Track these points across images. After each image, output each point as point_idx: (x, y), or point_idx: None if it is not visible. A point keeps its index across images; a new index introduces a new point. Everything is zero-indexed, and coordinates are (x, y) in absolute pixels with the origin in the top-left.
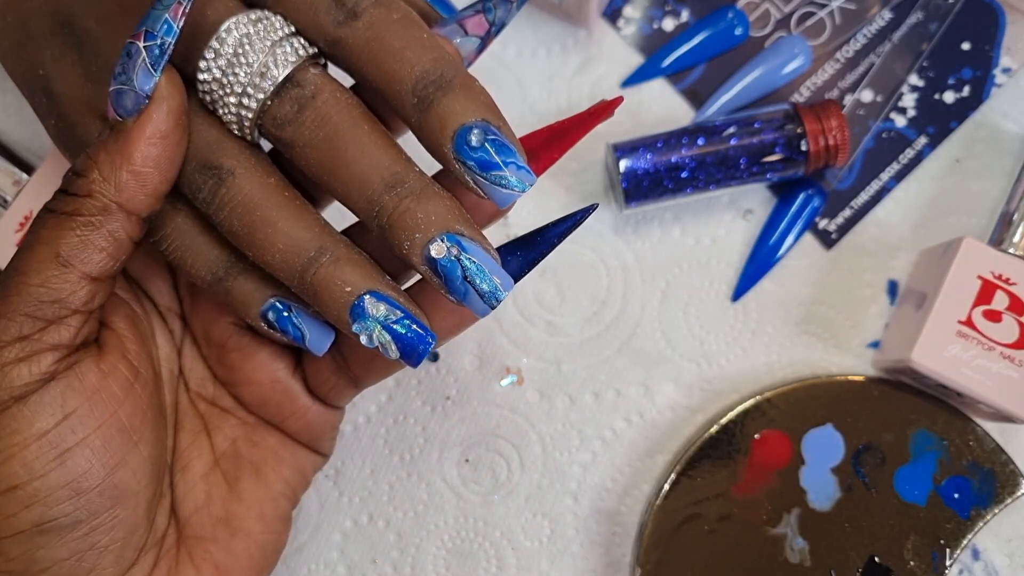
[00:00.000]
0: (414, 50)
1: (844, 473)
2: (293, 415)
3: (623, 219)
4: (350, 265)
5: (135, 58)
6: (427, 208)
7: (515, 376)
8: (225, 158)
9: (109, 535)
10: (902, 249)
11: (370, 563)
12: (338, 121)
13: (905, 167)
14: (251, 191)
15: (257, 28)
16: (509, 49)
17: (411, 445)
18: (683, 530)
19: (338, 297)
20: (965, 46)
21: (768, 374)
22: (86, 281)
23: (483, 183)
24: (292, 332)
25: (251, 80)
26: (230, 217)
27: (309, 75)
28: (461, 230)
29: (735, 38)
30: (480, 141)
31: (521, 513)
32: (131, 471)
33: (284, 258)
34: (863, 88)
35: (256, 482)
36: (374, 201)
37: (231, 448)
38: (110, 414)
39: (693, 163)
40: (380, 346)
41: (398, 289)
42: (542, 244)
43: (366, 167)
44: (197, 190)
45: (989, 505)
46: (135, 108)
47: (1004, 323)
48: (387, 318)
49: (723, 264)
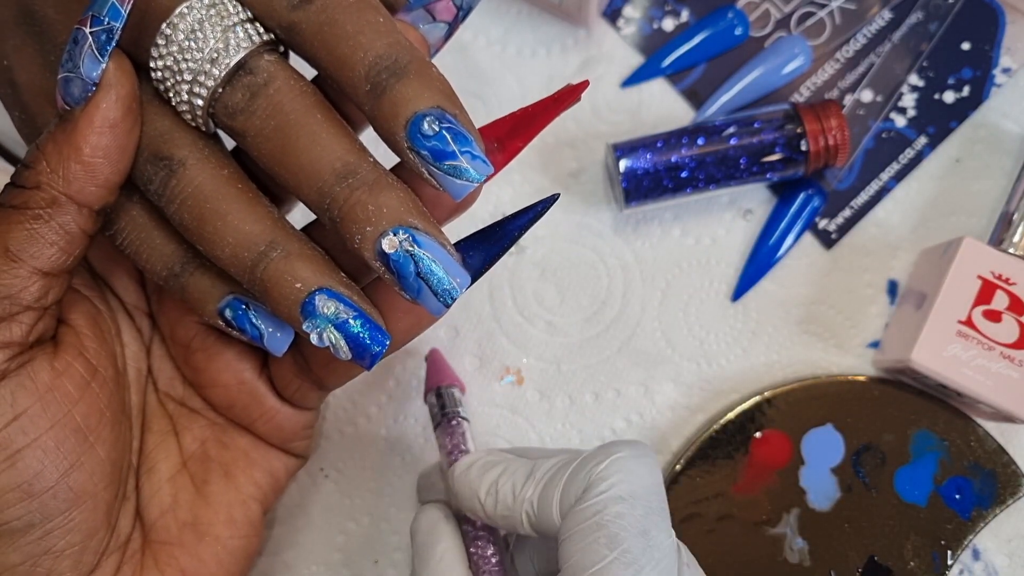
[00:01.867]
0: (368, 35)
1: (844, 473)
2: (261, 417)
3: (623, 219)
4: (301, 260)
5: (81, 44)
6: (379, 200)
7: (515, 376)
8: (177, 148)
9: (65, 539)
10: (902, 249)
11: (371, 564)
12: (290, 109)
13: (905, 167)
14: (202, 182)
15: (210, 13)
16: (509, 49)
17: (411, 445)
18: (682, 530)
19: (288, 294)
20: (965, 46)
21: (768, 374)
22: (37, 276)
23: (437, 173)
24: (250, 331)
25: (202, 67)
26: (180, 209)
27: (262, 62)
28: (415, 223)
29: (735, 38)
30: (434, 129)
31: None
32: (87, 473)
33: (234, 252)
34: (863, 88)
35: (225, 485)
36: (325, 193)
37: (200, 450)
38: (63, 414)
39: (693, 163)
40: (331, 346)
41: (353, 287)
42: (503, 238)
43: (317, 156)
44: (148, 181)
45: (990, 506)
46: (82, 96)
47: (1004, 323)
48: (338, 317)
49: (723, 264)
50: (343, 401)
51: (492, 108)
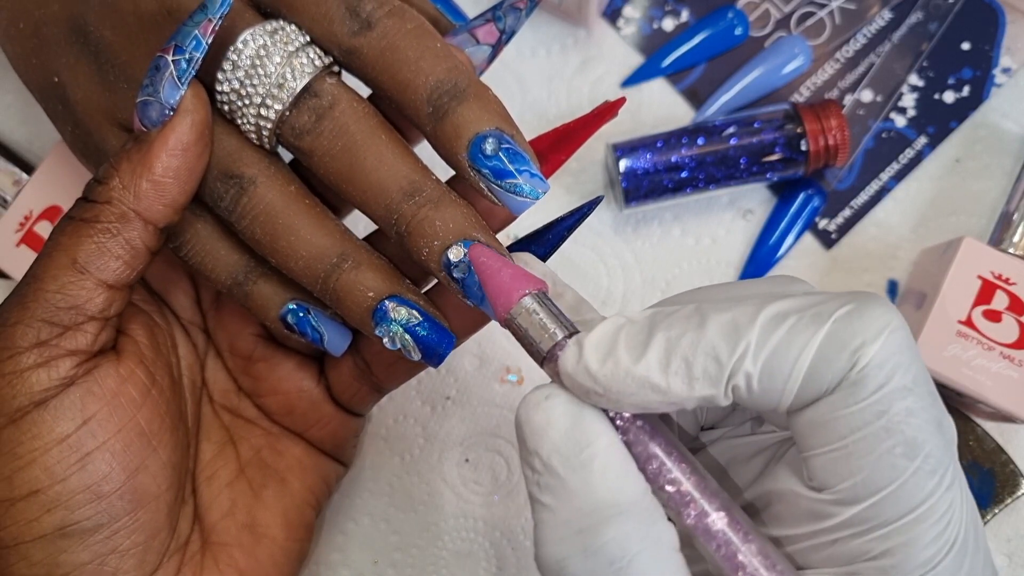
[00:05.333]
0: (428, 60)
1: None
2: (317, 423)
3: (623, 219)
4: (371, 270)
5: (163, 71)
6: (444, 216)
7: (515, 376)
8: (246, 167)
9: (130, 539)
10: (902, 249)
11: (371, 564)
12: (356, 131)
13: (905, 167)
14: (272, 199)
15: (274, 39)
16: (509, 49)
17: (411, 445)
18: None
19: (361, 302)
20: (965, 46)
21: None
22: (102, 288)
23: (497, 191)
24: (311, 334)
25: (269, 91)
26: (252, 225)
27: (326, 85)
28: (478, 236)
29: (735, 38)
30: (494, 149)
31: (521, 513)
32: (151, 475)
33: (307, 264)
34: (863, 88)
35: (281, 490)
36: (392, 209)
37: (256, 457)
38: (129, 418)
39: (693, 163)
40: (402, 348)
41: (418, 293)
42: (553, 239)
43: (384, 176)
44: (219, 199)
45: (989, 505)
46: (159, 119)
47: (1004, 323)
48: (408, 321)
49: (723, 264)
50: None
51: None
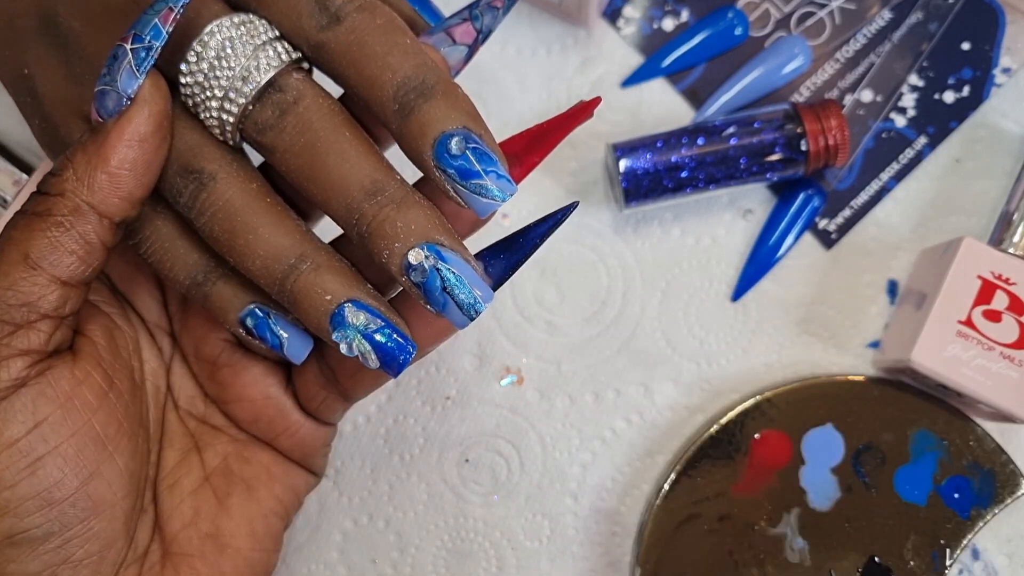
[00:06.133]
0: (396, 56)
1: (844, 473)
2: (285, 431)
3: (623, 219)
4: (331, 273)
5: (121, 60)
6: (407, 217)
7: (515, 376)
8: (207, 162)
9: (84, 548)
10: (902, 249)
11: (370, 563)
12: (319, 127)
13: (905, 167)
14: (232, 196)
15: (240, 31)
16: (509, 49)
17: (411, 445)
18: (683, 530)
19: (318, 305)
20: (965, 46)
21: (768, 374)
22: (56, 285)
23: (463, 191)
24: (270, 339)
25: (233, 84)
26: (211, 222)
27: (292, 80)
28: (441, 240)
29: (735, 38)
30: (461, 149)
31: (521, 513)
32: (106, 482)
33: (265, 264)
34: (863, 88)
35: (247, 498)
36: (354, 209)
37: (222, 464)
38: (84, 422)
39: (693, 163)
40: (360, 355)
41: (379, 298)
42: (525, 246)
43: (346, 174)
44: (178, 194)
45: (989, 505)
46: (116, 109)
47: (1004, 323)
48: (367, 327)
49: (723, 264)
50: None
51: (492, 108)
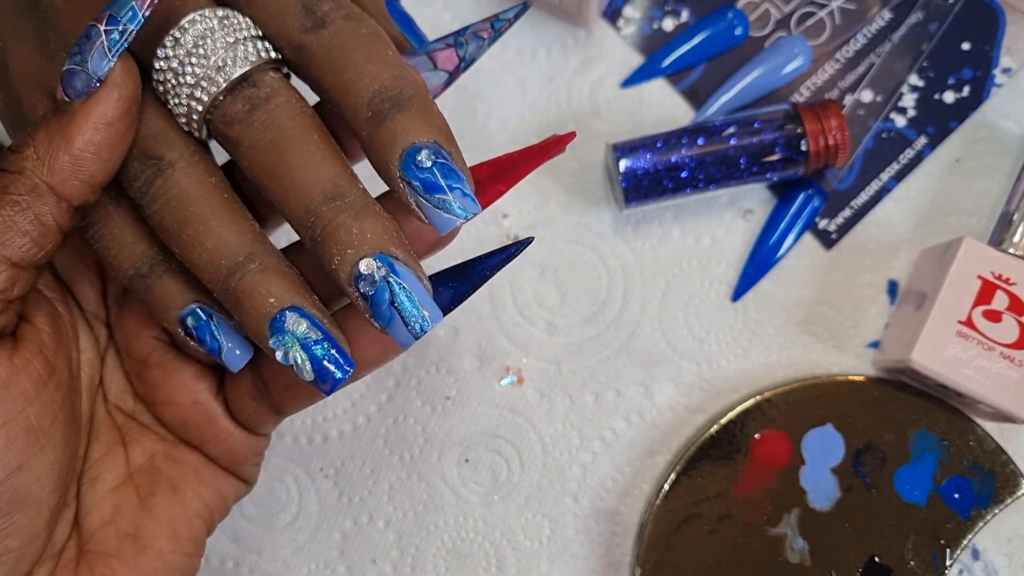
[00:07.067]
0: (376, 64)
1: (844, 473)
2: (213, 439)
3: (623, 219)
4: (277, 276)
5: (93, 40)
6: (363, 225)
7: (515, 376)
8: (168, 149)
9: (3, 543)
10: (902, 249)
11: (370, 563)
12: (288, 126)
13: (905, 167)
14: (188, 186)
15: (222, 24)
16: (509, 49)
17: (411, 445)
18: (683, 530)
19: (260, 307)
20: (965, 46)
21: (768, 374)
22: (6, 266)
23: (425, 205)
24: (209, 342)
25: (207, 73)
26: (162, 210)
27: (267, 77)
28: (395, 253)
29: (735, 38)
30: (428, 162)
31: (521, 513)
32: (34, 475)
33: (211, 259)
34: (863, 88)
35: (171, 499)
36: (311, 211)
37: (148, 463)
38: (18, 412)
39: (693, 163)
40: (295, 365)
41: (324, 310)
42: (474, 276)
43: (308, 175)
44: (134, 178)
45: (989, 505)
46: (84, 90)
47: (1004, 323)
48: (307, 337)
49: (723, 264)
50: (343, 401)
51: (492, 108)
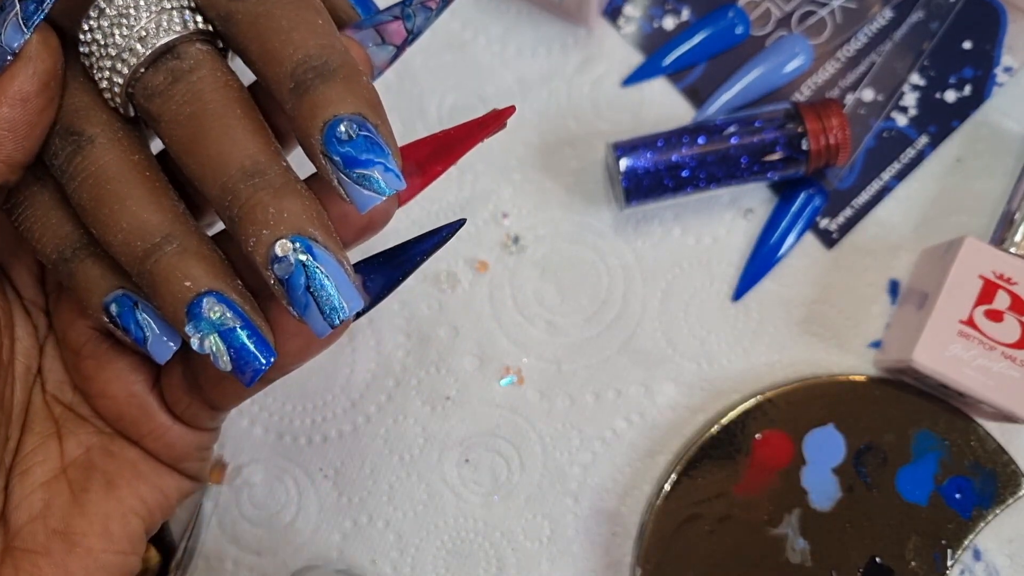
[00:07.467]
0: (301, 32)
1: (845, 473)
2: (151, 433)
3: (623, 218)
4: (197, 259)
5: (7, 12)
6: (282, 204)
7: (515, 376)
8: (89, 125)
9: None
10: (903, 248)
11: (370, 563)
12: (209, 99)
13: (906, 166)
14: (108, 163)
15: None
16: (509, 48)
17: (411, 445)
18: (684, 530)
19: (176, 291)
20: (966, 45)
21: (769, 374)
22: None
23: (345, 181)
24: (134, 331)
25: (129, 43)
26: (80, 188)
27: (192, 49)
28: (315, 235)
29: (736, 37)
30: (351, 135)
31: (521, 513)
32: None
33: (126, 239)
34: (864, 87)
35: (106, 495)
36: (228, 188)
37: (84, 456)
38: None
39: (694, 162)
40: (212, 355)
41: (246, 296)
42: (405, 263)
43: (226, 150)
44: (54, 155)
45: (991, 505)
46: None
47: (1006, 323)
48: (224, 323)
49: (724, 263)
50: (343, 401)
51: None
